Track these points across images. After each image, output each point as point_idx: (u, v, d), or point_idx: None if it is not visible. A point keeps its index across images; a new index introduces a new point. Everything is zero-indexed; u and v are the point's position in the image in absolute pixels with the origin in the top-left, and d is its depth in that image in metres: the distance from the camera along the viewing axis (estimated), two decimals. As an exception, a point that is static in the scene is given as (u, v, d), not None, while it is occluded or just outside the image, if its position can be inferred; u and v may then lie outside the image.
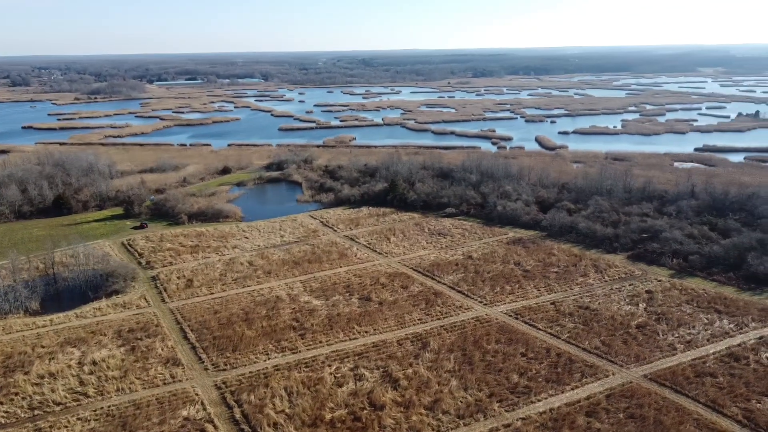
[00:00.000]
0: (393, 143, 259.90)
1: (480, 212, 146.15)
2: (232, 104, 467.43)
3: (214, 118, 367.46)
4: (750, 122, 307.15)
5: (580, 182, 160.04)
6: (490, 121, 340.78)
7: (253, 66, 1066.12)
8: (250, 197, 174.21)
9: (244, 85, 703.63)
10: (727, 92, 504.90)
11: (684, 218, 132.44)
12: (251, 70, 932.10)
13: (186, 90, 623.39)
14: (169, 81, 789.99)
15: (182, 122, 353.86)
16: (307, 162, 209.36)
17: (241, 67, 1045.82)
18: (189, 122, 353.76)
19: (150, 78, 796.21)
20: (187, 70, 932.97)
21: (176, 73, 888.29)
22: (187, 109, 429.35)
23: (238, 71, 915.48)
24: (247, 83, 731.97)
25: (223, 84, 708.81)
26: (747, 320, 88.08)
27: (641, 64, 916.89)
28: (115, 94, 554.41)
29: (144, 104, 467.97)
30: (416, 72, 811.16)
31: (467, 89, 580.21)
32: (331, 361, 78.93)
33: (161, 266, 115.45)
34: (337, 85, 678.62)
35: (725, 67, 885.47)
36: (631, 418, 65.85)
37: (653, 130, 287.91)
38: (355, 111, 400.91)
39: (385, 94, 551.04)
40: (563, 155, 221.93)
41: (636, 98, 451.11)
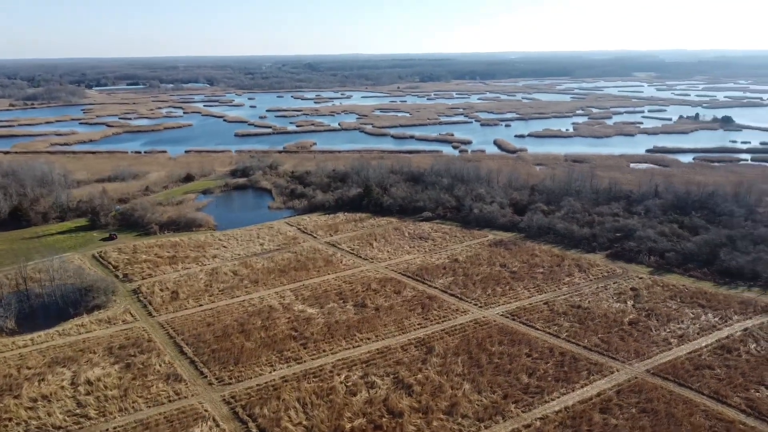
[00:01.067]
0: (355, 148, 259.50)
1: (456, 215, 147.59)
2: (181, 110, 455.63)
3: (165, 125, 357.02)
4: (691, 124, 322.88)
5: (549, 184, 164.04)
6: (446, 125, 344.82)
7: (195, 70, 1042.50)
8: (219, 205, 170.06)
9: (189, 90, 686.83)
10: (664, 96, 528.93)
11: (653, 217, 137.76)
12: (195, 75, 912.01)
13: (129, 95, 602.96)
14: (109, 86, 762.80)
15: (132, 129, 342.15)
16: (272, 168, 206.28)
17: (184, 71, 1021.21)
18: (139, 129, 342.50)
19: (88, 83, 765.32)
20: (127, 75, 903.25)
21: (116, 78, 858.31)
22: (134, 115, 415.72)
23: (180, 76, 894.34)
24: (192, 88, 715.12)
25: (167, 89, 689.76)
26: (730, 313, 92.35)
27: (579, 69, 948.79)
28: (54, 100, 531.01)
29: (87, 110, 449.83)
30: (365, 77, 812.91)
31: (417, 93, 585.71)
32: (339, 370, 77.91)
33: (140, 279, 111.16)
34: (286, 89, 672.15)
35: (657, 72, 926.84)
36: (643, 412, 67.88)
37: (604, 132, 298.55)
38: (309, 116, 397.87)
39: (336, 98, 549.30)
40: (525, 158, 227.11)
41: (581, 102, 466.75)
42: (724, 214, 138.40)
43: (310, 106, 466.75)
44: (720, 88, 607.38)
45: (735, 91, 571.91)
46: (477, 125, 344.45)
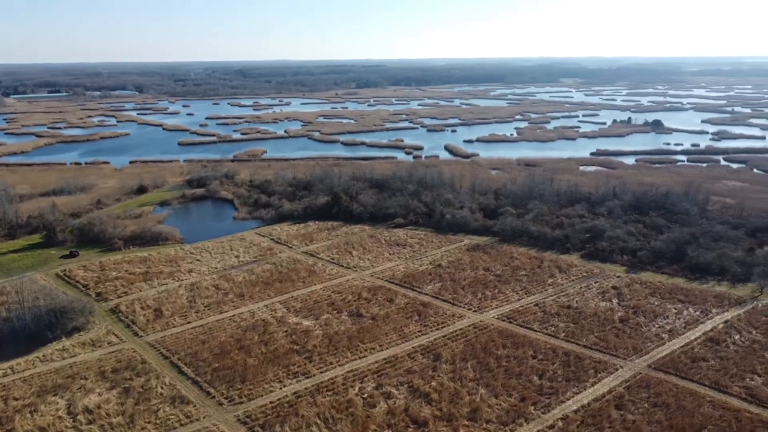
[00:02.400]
0: (309, 155, 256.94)
1: (428, 221, 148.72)
2: (114, 118, 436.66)
3: (100, 134, 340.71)
4: (626, 128, 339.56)
5: (513, 188, 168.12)
6: (392, 131, 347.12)
7: (120, 77, 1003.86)
8: (180, 217, 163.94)
9: (118, 97, 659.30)
10: (593, 101, 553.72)
11: (616, 217, 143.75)
12: (121, 82, 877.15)
13: (53, 104, 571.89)
14: (29, 94, 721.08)
15: (65, 139, 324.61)
16: (228, 177, 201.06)
17: (108, 78, 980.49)
18: (73, 139, 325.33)
19: (5, 91, 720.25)
20: (48, 82, 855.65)
21: (35, 85, 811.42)
22: (63, 124, 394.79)
23: (106, 83, 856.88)
24: (121, 95, 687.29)
25: (95, 96, 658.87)
26: (708, 307, 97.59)
27: (510, 75, 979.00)
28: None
29: (10, 120, 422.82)
30: (300, 83, 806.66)
31: (357, 100, 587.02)
32: (351, 382, 76.73)
33: (116, 297, 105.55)
34: (221, 96, 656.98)
35: (581, 78, 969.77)
36: (655, 406, 70.58)
37: (547, 136, 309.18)
38: (252, 123, 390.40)
39: (275, 105, 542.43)
40: (479, 162, 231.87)
41: (518, 107, 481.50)
42: (680, 213, 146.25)
43: (250, 114, 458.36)
44: (642, 93, 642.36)
45: (656, 96, 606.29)
46: (423, 131, 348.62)
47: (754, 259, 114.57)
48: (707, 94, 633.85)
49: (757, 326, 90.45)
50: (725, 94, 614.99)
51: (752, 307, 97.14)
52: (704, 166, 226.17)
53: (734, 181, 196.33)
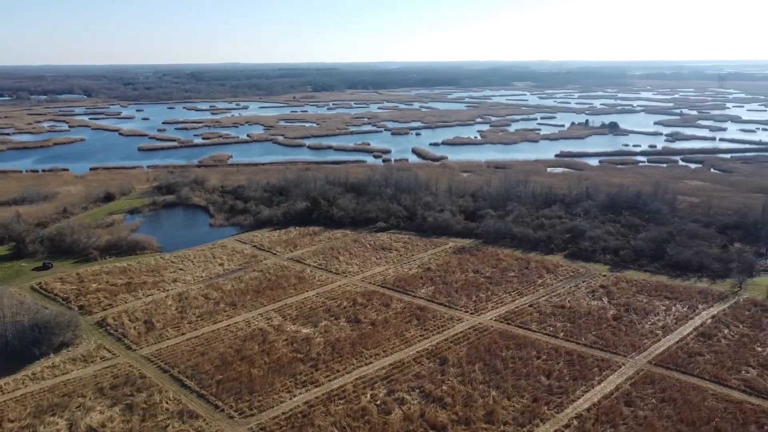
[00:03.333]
0: (277, 160, 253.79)
1: (410, 225, 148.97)
2: (65, 123, 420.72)
3: (54, 140, 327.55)
4: (584, 130, 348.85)
5: (489, 190, 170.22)
6: (356, 134, 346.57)
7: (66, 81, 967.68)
8: (153, 225, 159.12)
9: (66, 101, 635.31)
10: (548, 104, 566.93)
11: (593, 218, 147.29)
12: (67, 85, 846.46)
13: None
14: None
15: (15, 145, 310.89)
16: (197, 183, 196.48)
17: (53, 82, 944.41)
18: (24, 145, 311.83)
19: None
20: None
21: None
22: (11, 130, 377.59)
23: (51, 87, 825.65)
24: (69, 100, 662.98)
25: (41, 101, 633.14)
26: (694, 303, 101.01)
27: (464, 79, 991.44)
28: None
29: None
30: (256, 86, 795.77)
31: (316, 103, 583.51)
32: (361, 389, 75.98)
33: (100, 310, 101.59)
34: (175, 100, 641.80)
35: (533, 82, 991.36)
36: (663, 401, 72.51)
37: (511, 139, 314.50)
38: (212, 128, 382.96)
39: (233, 109, 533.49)
40: (450, 165, 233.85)
41: (477, 110, 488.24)
42: (652, 212, 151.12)
43: (208, 118, 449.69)
44: (593, 96, 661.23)
45: (607, 99, 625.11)
46: (387, 134, 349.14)
47: (729, 256, 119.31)
48: (654, 96, 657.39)
49: (742, 320, 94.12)
50: (671, 97, 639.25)
51: (735, 302, 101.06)
52: (664, 166, 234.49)
53: (695, 180, 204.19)
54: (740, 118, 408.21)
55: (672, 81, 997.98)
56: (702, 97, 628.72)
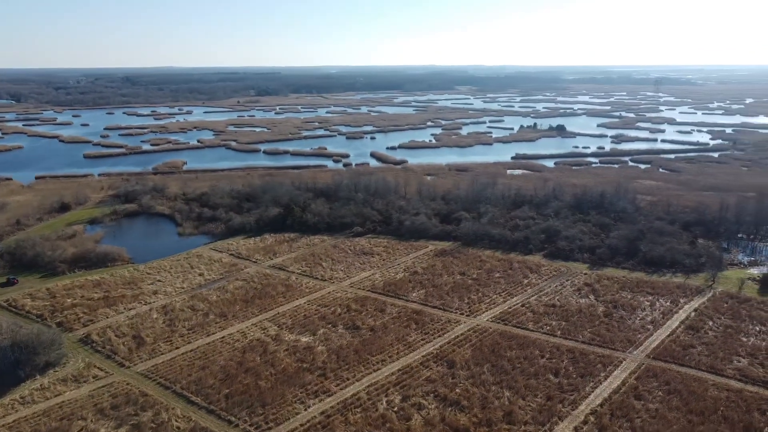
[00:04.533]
0: (235, 166, 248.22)
1: (386, 229, 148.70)
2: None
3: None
4: (534, 133, 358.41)
5: (460, 193, 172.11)
6: (311, 139, 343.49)
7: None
8: (117, 235, 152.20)
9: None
10: (493, 107, 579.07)
11: (564, 218, 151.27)
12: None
13: None
14: None
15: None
16: (157, 191, 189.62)
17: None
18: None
19: None
20: None
21: None
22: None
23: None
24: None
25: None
26: (675, 297, 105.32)
27: (407, 83, 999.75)
28: None
29: None
30: (196, 91, 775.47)
31: (261, 108, 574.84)
32: (375, 396, 75.14)
33: (81, 326, 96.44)
34: (113, 105, 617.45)
35: (475, 86, 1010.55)
36: (669, 394, 75.16)
37: (466, 142, 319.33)
38: (159, 133, 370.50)
39: (176, 114, 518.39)
40: (412, 169, 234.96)
41: (426, 114, 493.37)
42: (618, 211, 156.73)
43: (152, 123, 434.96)
44: (534, 100, 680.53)
45: (547, 102, 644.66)
46: (342, 139, 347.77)
47: (698, 251, 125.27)
48: (591, 100, 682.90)
49: (723, 312, 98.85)
50: (607, 100, 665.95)
51: (712, 295, 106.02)
52: (616, 167, 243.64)
53: (648, 180, 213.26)
54: (675, 120, 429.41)
55: (604, 85, 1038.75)
56: (635, 101, 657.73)
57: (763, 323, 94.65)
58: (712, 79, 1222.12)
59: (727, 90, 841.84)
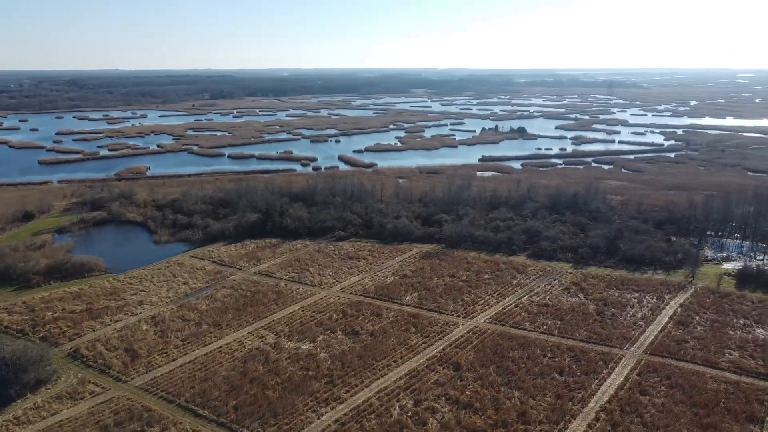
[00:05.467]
0: (202, 170, 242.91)
1: (368, 232, 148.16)
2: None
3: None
4: (496, 135, 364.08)
5: (437, 195, 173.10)
6: (274, 143, 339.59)
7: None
8: (87, 244, 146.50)
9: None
10: (452, 110, 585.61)
11: (542, 218, 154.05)
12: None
13: None
14: None
15: None
16: (125, 197, 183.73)
17: None
18: None
19: None
20: None
21: None
22: None
23: None
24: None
25: None
26: (661, 294, 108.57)
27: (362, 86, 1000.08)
28: None
29: None
30: (149, 94, 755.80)
31: (219, 111, 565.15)
32: (387, 402, 74.62)
33: (67, 340, 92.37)
34: (61, 110, 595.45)
35: (430, 89, 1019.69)
36: (672, 388, 77.33)
37: (431, 145, 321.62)
38: (115, 138, 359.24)
39: (129, 118, 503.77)
40: (383, 172, 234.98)
41: (387, 117, 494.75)
42: (592, 211, 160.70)
43: (106, 128, 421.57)
44: (491, 103, 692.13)
45: (504, 105, 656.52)
46: (306, 142, 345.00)
47: (675, 248, 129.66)
48: (545, 102, 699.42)
49: (707, 307, 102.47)
50: (560, 103, 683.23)
51: (694, 291, 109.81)
52: (581, 168, 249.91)
53: (613, 180, 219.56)
54: (628, 122, 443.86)
55: (554, 88, 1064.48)
56: (587, 103, 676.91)
57: (745, 316, 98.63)
58: (655, 82, 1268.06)
59: (671, 92, 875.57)
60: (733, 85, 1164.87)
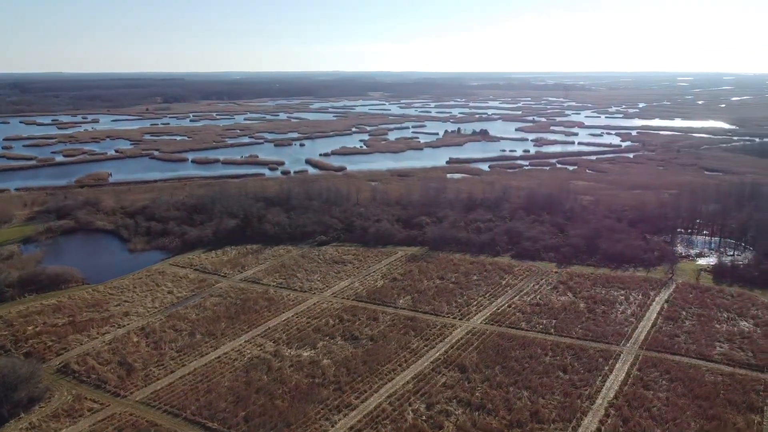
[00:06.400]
0: (169, 176, 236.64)
1: (350, 236, 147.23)
2: None
3: None
4: (459, 138, 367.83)
5: (413, 197, 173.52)
6: (237, 147, 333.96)
7: None
8: (57, 255, 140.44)
9: None
10: (411, 113, 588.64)
11: (519, 219, 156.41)
12: None
13: None
14: None
15: None
16: (91, 205, 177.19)
17: None
18: None
19: None
20: None
21: None
22: None
23: None
24: None
25: None
26: (646, 290, 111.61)
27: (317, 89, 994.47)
28: None
29: None
30: (99, 98, 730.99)
31: (175, 116, 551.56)
32: (399, 406, 74.22)
33: (54, 356, 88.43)
34: (5, 114, 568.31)
35: (387, 92, 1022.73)
36: (672, 381, 79.57)
37: (398, 147, 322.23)
38: (70, 144, 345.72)
39: (81, 123, 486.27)
40: (355, 175, 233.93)
41: (348, 120, 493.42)
42: (566, 211, 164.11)
43: (58, 133, 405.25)
44: (448, 106, 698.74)
45: (461, 108, 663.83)
46: (269, 146, 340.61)
47: (651, 246, 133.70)
48: (501, 105, 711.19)
49: (691, 302, 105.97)
50: (516, 105, 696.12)
51: (676, 287, 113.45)
52: (547, 169, 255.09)
53: (580, 180, 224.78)
54: (584, 124, 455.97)
55: (508, 91, 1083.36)
56: (541, 106, 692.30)
57: (728, 310, 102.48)
58: (602, 85, 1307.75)
59: (618, 95, 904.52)
60: (675, 87, 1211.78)
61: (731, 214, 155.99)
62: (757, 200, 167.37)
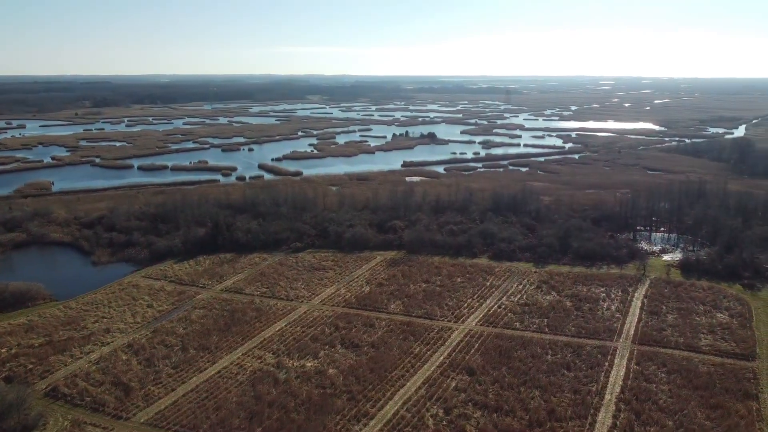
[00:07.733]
0: (118, 184, 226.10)
1: (324, 242, 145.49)
2: None
3: None
4: (409, 141, 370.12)
5: (381, 201, 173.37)
6: (182, 152, 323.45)
7: None
8: (11, 271, 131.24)
9: None
10: (354, 116, 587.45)
11: (489, 220, 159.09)
12: None
13: None
14: None
15: None
16: (41, 216, 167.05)
17: None
18: None
19: None
20: None
21: None
22: None
23: None
24: None
25: None
26: (623, 287, 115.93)
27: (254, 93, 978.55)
28: None
29: None
30: (21, 102, 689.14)
31: (107, 120, 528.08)
32: (417, 412, 73.86)
33: (39, 379, 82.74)
34: None
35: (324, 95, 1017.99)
36: (670, 374, 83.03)
37: (350, 151, 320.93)
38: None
39: (7, 129, 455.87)
40: (314, 180, 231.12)
41: (291, 124, 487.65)
42: (531, 212, 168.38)
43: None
44: (389, 109, 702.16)
45: (402, 111, 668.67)
46: (216, 151, 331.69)
47: (620, 244, 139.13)
48: (441, 108, 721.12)
49: (668, 296, 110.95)
50: (456, 109, 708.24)
51: (650, 283, 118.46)
52: (501, 170, 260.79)
53: (535, 182, 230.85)
54: (524, 127, 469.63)
55: (443, 95, 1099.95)
56: (480, 108, 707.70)
57: (703, 303, 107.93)
58: (532, 89, 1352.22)
59: (549, 98, 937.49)
60: (600, 91, 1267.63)
61: (684, 212, 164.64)
62: (705, 198, 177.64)
